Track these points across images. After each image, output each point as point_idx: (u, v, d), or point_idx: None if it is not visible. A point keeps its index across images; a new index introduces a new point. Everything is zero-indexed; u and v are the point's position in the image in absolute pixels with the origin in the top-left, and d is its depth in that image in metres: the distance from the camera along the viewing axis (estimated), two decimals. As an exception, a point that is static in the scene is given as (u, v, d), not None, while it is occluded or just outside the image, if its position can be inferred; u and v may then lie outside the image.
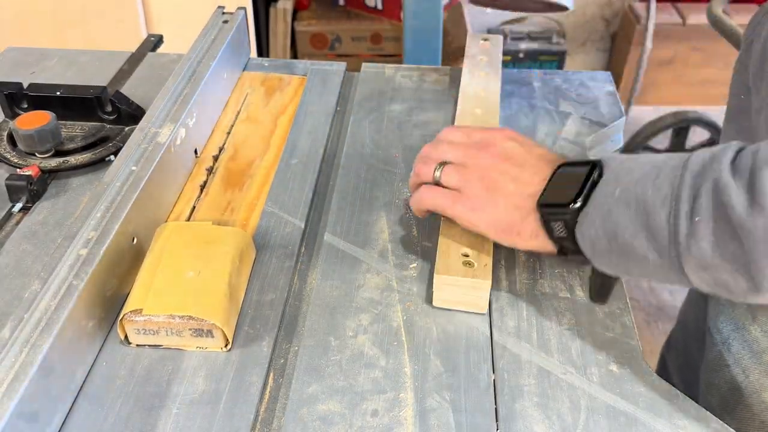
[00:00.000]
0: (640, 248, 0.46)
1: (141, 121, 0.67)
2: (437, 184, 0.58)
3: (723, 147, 0.44)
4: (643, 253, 0.46)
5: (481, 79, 0.79)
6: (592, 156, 0.77)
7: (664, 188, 0.44)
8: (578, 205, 0.49)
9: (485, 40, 0.88)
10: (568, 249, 0.52)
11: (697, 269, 0.44)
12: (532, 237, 0.53)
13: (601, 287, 0.54)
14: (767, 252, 0.40)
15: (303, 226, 0.64)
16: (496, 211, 0.54)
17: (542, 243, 0.53)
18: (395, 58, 2.40)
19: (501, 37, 0.89)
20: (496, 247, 0.58)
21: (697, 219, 0.42)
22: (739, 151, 0.43)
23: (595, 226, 0.48)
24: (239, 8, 0.88)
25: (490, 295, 0.57)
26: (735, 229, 0.41)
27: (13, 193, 0.65)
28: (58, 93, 0.74)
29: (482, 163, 0.56)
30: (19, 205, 0.65)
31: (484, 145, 0.57)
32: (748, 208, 0.40)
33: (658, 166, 0.46)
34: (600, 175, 0.49)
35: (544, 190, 0.52)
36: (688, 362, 0.91)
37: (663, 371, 0.91)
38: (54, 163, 0.70)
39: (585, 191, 0.49)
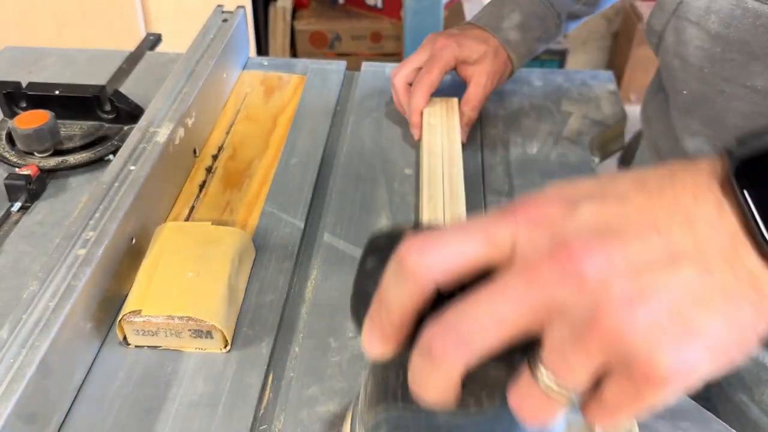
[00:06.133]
0: None
1: (140, 121, 0.67)
2: None
3: None
4: None
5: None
6: (594, 154, 0.76)
7: None
8: None
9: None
10: None
11: None
12: None
13: None
14: None
15: (302, 226, 0.64)
16: None
17: None
18: (395, 56, 2.39)
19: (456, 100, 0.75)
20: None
21: None
22: None
23: None
24: (238, 7, 0.88)
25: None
26: None
27: (11, 192, 0.65)
28: (56, 92, 0.74)
29: None
30: (17, 205, 0.65)
31: None
32: None
33: None
34: None
35: None
36: None
37: None
38: (53, 162, 0.69)
39: None
